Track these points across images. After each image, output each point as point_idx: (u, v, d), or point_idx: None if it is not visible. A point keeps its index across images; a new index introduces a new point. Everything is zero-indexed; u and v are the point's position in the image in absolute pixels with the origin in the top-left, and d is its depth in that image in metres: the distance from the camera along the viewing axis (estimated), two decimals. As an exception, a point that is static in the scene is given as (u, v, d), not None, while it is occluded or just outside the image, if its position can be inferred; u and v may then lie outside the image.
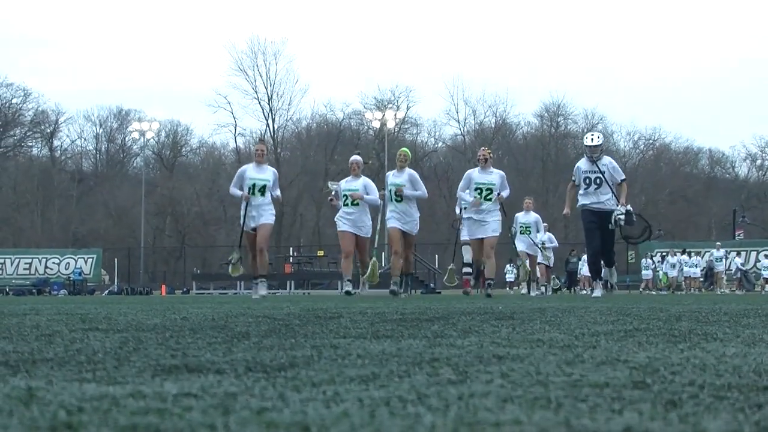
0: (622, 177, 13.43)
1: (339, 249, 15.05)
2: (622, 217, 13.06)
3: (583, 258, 31.69)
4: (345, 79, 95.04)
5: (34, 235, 61.81)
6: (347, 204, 14.18)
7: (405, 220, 13.95)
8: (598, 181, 13.22)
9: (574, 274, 35.29)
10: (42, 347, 3.00)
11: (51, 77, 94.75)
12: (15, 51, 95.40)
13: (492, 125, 70.41)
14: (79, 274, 43.94)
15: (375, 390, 1.83)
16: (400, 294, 13.81)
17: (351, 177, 14.44)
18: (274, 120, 67.46)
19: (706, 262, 36.28)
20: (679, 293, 31.52)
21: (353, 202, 14.11)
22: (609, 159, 13.58)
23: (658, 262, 37.54)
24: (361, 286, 14.67)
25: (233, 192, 13.81)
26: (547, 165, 67.02)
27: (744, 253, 38.21)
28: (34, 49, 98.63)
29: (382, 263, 24.18)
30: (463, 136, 70.57)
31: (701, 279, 36.38)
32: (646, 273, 37.56)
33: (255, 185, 13.48)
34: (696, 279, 36.56)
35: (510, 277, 37.36)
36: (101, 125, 72.84)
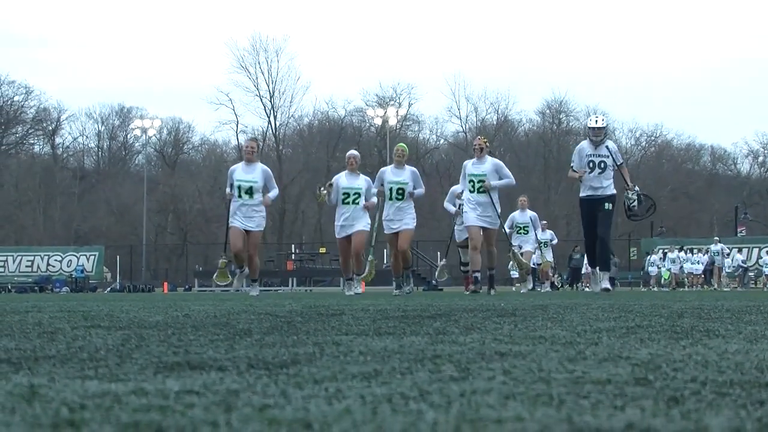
0: (621, 161, 13.11)
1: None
2: (635, 205, 12.90)
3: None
4: (347, 76, 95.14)
5: (36, 233, 61.83)
6: (347, 202, 13.49)
7: (402, 217, 13.44)
8: (602, 165, 12.85)
9: (577, 270, 35.19)
10: (44, 344, 3.00)
11: (53, 75, 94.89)
12: (17, 49, 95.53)
13: (494, 122, 70.34)
14: (81, 271, 43.98)
15: (377, 387, 1.83)
16: (405, 291, 13.52)
17: (348, 172, 13.68)
18: (275, 117, 67.51)
19: (708, 257, 36.18)
20: (680, 290, 31.52)
21: (354, 200, 13.44)
22: (611, 144, 13.25)
23: (660, 258, 37.52)
24: (354, 284, 13.77)
25: (226, 192, 13.28)
26: (549, 162, 66.96)
27: (746, 250, 38.17)
28: (36, 47, 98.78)
29: (383, 261, 23.99)
30: (465, 133, 70.49)
31: (701, 275, 36.34)
32: (652, 269, 37.52)
33: (241, 187, 12.98)
34: (698, 275, 36.52)
35: (515, 273, 36.90)
36: (103, 123, 72.93)
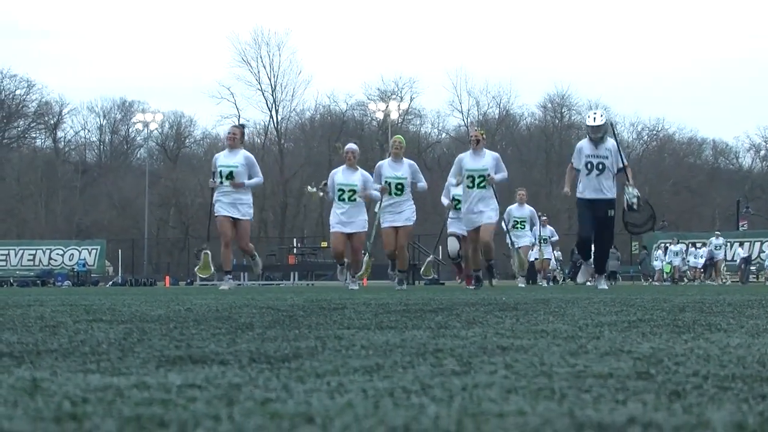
0: (624, 163, 12.47)
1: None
2: (635, 201, 12.26)
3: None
4: (348, 70, 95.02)
5: (38, 227, 61.85)
6: (343, 198, 12.95)
7: (400, 211, 12.88)
8: (600, 167, 12.25)
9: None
10: (46, 338, 3.01)
11: (55, 68, 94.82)
12: (19, 42, 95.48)
13: (495, 116, 70.32)
14: (83, 265, 43.99)
15: (379, 381, 1.83)
16: (402, 286, 13.01)
17: (345, 167, 13.04)
18: (277, 111, 67.51)
19: (707, 251, 36.10)
20: (682, 284, 31.51)
21: (350, 197, 12.89)
22: (612, 142, 12.54)
23: (662, 252, 37.48)
24: (348, 279, 13.29)
25: (211, 183, 12.88)
26: (551, 156, 66.91)
27: (747, 244, 38.11)
28: (37, 41, 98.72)
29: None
30: (467, 127, 70.45)
31: (701, 269, 36.29)
32: (656, 264, 37.46)
33: (222, 172, 12.54)
34: (699, 269, 36.48)
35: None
36: (105, 116, 72.86)
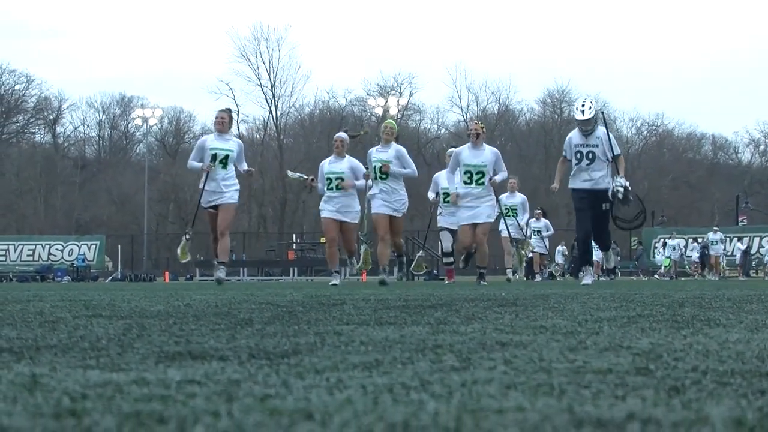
0: (617, 152, 11.82)
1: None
2: (621, 190, 11.55)
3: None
4: (348, 66, 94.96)
5: (37, 222, 61.81)
6: (331, 188, 12.54)
7: (390, 201, 12.47)
8: (590, 156, 11.71)
9: None
10: (46, 334, 3.01)
11: (54, 64, 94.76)
12: (18, 38, 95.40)
13: (495, 112, 70.27)
14: (83, 260, 44.00)
15: (378, 377, 1.83)
16: (389, 280, 12.79)
17: (334, 157, 12.65)
18: (277, 107, 67.45)
19: (700, 245, 36.01)
20: (682, 279, 31.50)
21: (338, 186, 12.50)
22: (603, 131, 11.93)
23: (661, 247, 37.52)
24: (349, 267, 12.76)
25: (191, 165, 12.27)
26: (550, 151, 66.81)
27: (747, 239, 38.12)
28: (36, 36, 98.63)
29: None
30: (466, 122, 70.38)
31: (696, 262, 36.27)
32: (659, 259, 37.48)
33: (216, 155, 11.96)
34: (696, 263, 36.51)
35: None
36: (104, 112, 72.85)
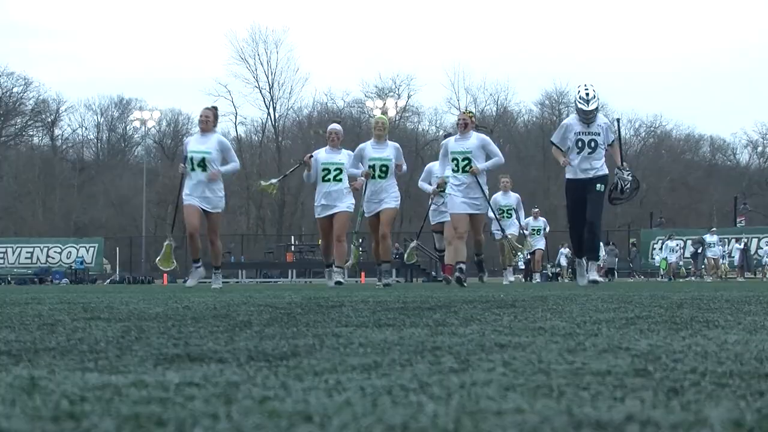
0: (612, 138, 11.53)
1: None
2: (627, 185, 11.48)
3: None
4: (346, 68, 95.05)
5: (35, 224, 61.79)
6: (327, 179, 12.36)
7: (384, 197, 12.35)
8: (592, 144, 11.38)
9: None
10: (44, 336, 3.00)
11: (52, 66, 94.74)
12: (16, 40, 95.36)
13: (493, 113, 70.28)
14: (81, 263, 43.97)
15: (377, 379, 1.83)
16: (390, 281, 12.69)
17: (329, 147, 12.56)
18: (275, 109, 67.44)
19: (692, 245, 35.89)
20: (680, 280, 31.51)
21: (336, 176, 12.32)
22: (603, 118, 11.69)
23: (659, 248, 37.52)
24: (336, 271, 12.64)
25: (181, 168, 11.76)
26: (549, 153, 66.51)
27: (745, 240, 38.12)
28: (34, 38, 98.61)
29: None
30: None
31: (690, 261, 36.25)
32: (658, 260, 37.48)
33: (193, 159, 11.44)
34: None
35: (521, 265, 34.52)
36: (102, 114, 72.82)
